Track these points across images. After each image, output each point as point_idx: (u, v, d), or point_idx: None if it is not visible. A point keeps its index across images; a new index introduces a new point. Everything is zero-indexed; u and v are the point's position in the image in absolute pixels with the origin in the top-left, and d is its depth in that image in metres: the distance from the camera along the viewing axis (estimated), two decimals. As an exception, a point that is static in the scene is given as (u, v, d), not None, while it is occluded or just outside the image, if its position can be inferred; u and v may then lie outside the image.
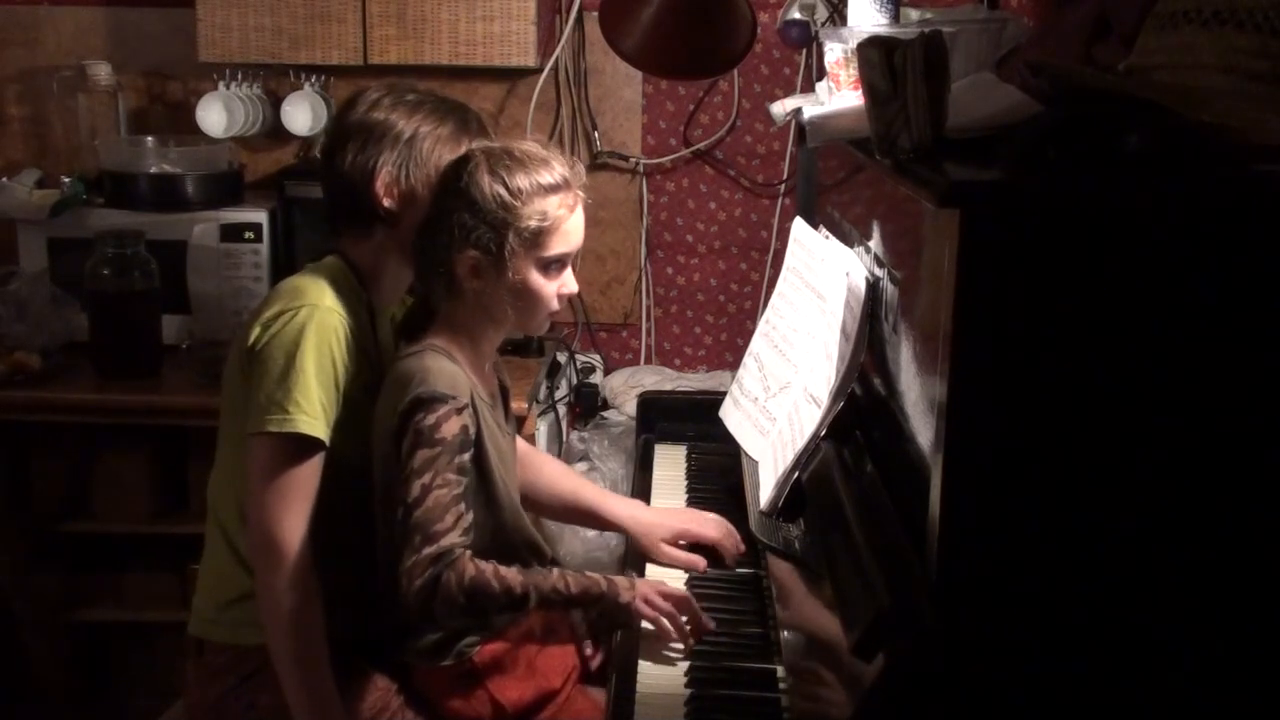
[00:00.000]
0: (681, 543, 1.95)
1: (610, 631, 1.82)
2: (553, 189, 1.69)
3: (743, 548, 1.91)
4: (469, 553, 1.63)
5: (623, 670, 1.63)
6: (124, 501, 2.83)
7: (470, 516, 1.65)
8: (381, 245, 1.81)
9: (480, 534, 1.75)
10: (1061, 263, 1.10)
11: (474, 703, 1.77)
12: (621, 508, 2.02)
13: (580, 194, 1.74)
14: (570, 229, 1.72)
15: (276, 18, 2.89)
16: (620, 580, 1.72)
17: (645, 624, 1.69)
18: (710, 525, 1.94)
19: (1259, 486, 1.12)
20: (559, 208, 1.70)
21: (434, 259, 1.73)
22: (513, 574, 1.65)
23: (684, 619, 1.69)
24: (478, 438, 1.71)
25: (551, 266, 1.73)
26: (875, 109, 1.26)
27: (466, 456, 1.67)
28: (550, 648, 1.84)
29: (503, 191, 1.67)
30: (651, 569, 1.92)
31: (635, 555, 1.96)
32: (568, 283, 1.76)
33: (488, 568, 1.63)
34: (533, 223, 1.68)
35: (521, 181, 1.68)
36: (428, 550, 1.60)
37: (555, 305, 1.76)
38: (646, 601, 1.68)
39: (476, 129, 1.83)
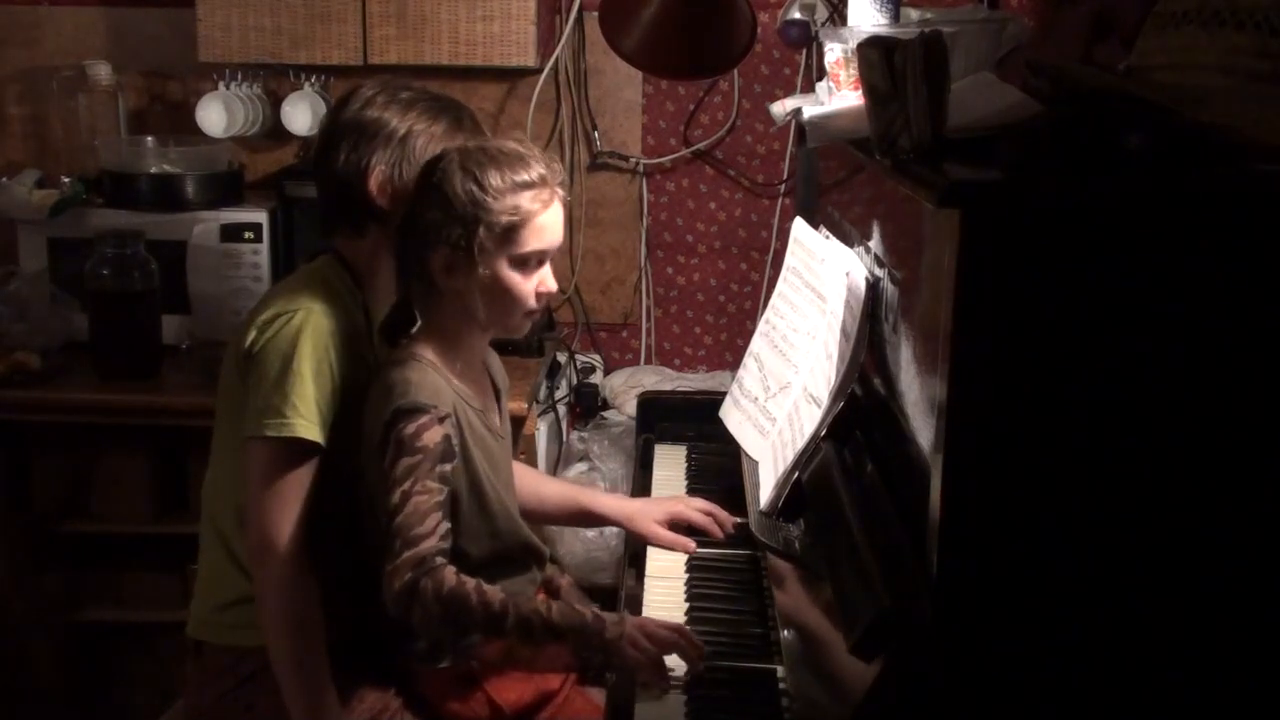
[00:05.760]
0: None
1: (599, 668, 1.78)
2: (526, 185, 1.68)
3: (730, 525, 1.97)
4: (452, 567, 1.60)
5: (621, 671, 1.63)
6: (124, 501, 2.82)
7: (447, 524, 1.63)
8: (375, 244, 1.81)
9: (478, 542, 1.74)
10: (1061, 263, 1.10)
11: (473, 704, 1.77)
12: (610, 499, 2.10)
13: (559, 192, 1.72)
14: (544, 225, 1.70)
15: (276, 18, 2.89)
16: (609, 616, 1.63)
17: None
18: (695, 505, 2.01)
19: (1260, 486, 1.12)
20: (532, 203, 1.68)
21: (411, 258, 1.72)
22: (494, 591, 1.61)
23: (670, 659, 1.61)
24: (463, 446, 1.71)
25: (526, 264, 1.70)
26: (875, 109, 1.26)
27: (449, 466, 1.65)
28: (549, 649, 1.84)
29: (474, 187, 1.66)
30: (653, 555, 1.93)
31: (635, 545, 1.98)
32: (546, 280, 1.73)
33: (470, 582, 1.60)
34: (504, 218, 1.66)
35: (493, 178, 1.66)
36: (406, 555, 1.58)
37: (532, 304, 1.73)
38: (633, 644, 1.60)
39: (470, 127, 1.82)
